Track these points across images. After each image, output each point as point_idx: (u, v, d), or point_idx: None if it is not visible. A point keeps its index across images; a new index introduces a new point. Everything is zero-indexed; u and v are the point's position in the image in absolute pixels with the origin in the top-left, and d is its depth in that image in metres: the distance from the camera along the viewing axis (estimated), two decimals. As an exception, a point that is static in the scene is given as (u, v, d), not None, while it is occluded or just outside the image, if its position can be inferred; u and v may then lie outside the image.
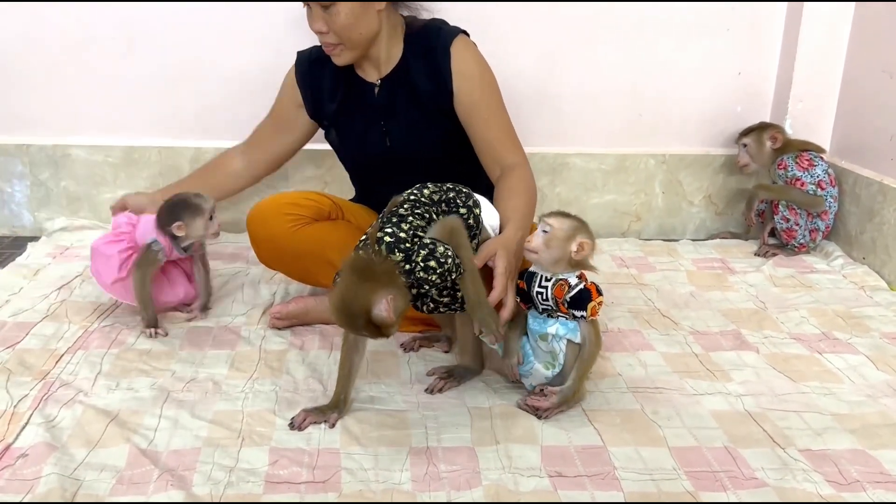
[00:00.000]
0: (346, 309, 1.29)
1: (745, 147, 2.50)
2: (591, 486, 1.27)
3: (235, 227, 2.61)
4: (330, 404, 1.47)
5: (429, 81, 1.79)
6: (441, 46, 1.77)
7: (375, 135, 1.86)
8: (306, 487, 1.26)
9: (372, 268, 1.32)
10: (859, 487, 1.29)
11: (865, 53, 2.43)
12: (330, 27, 1.72)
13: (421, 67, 1.80)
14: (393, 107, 1.84)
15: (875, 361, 1.74)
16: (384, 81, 1.84)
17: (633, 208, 2.69)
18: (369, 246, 1.36)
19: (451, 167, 1.75)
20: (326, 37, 1.74)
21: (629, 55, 2.58)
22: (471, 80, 1.77)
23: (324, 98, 1.91)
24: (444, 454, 1.35)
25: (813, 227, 2.44)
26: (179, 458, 1.32)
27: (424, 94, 1.80)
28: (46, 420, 1.41)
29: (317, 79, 1.91)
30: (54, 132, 2.55)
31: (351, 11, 1.70)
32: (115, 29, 2.46)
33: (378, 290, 1.28)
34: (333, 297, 1.31)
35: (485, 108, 1.78)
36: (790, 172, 2.40)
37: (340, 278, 1.33)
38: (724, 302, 2.09)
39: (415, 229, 1.38)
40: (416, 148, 1.85)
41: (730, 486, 1.28)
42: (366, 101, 1.86)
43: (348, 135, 1.91)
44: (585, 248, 1.44)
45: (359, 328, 1.30)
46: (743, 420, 1.49)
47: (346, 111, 1.89)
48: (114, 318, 1.88)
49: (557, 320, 1.46)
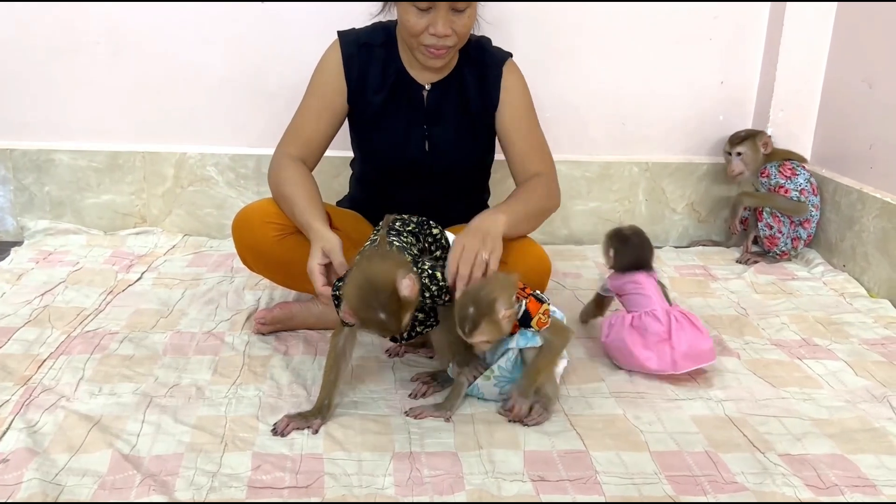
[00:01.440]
0: (371, 285, 1.31)
1: (740, 156, 2.51)
2: (573, 491, 1.28)
3: (220, 233, 2.61)
4: (313, 410, 1.47)
5: (479, 94, 1.83)
6: (495, 64, 1.83)
7: (417, 138, 1.84)
8: (289, 493, 1.26)
9: (390, 254, 1.38)
10: (838, 492, 1.30)
11: (845, 63, 2.46)
12: (455, 30, 1.67)
13: (474, 80, 1.83)
14: (440, 112, 1.84)
15: (854, 367, 1.76)
16: (435, 86, 1.83)
17: (617, 215, 2.71)
18: (378, 245, 1.42)
19: (474, 180, 1.85)
20: (447, 40, 1.68)
21: (613, 64, 2.60)
22: (515, 95, 1.84)
23: (367, 87, 1.82)
24: (427, 459, 1.36)
25: (795, 234, 2.47)
26: (162, 464, 1.32)
27: (474, 105, 1.83)
28: (28, 425, 1.41)
29: (364, 65, 1.81)
30: (38, 136, 2.54)
31: (475, 13, 1.71)
32: (100, 34, 2.46)
33: (401, 266, 1.34)
34: (353, 286, 1.34)
35: (525, 125, 1.84)
36: (773, 180, 2.43)
37: (353, 274, 1.37)
38: (706, 308, 2.11)
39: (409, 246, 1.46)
40: (455, 156, 1.86)
41: (710, 491, 1.29)
42: (412, 102, 1.84)
43: (388, 132, 1.85)
44: (510, 315, 1.43)
45: (380, 306, 1.30)
46: (723, 425, 1.50)
47: (390, 108, 1.84)
48: (97, 323, 1.87)
49: (516, 335, 1.48)
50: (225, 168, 2.58)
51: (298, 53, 2.44)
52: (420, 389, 1.59)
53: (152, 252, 2.43)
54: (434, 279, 1.42)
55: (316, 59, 1.83)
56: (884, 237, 2.20)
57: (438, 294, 1.43)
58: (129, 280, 2.17)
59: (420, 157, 1.85)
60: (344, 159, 2.06)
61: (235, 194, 2.60)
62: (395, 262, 1.36)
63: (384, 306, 1.31)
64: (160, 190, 2.59)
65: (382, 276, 1.31)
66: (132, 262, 2.33)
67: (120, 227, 2.59)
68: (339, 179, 2.34)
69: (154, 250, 2.44)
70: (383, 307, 1.31)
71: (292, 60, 2.46)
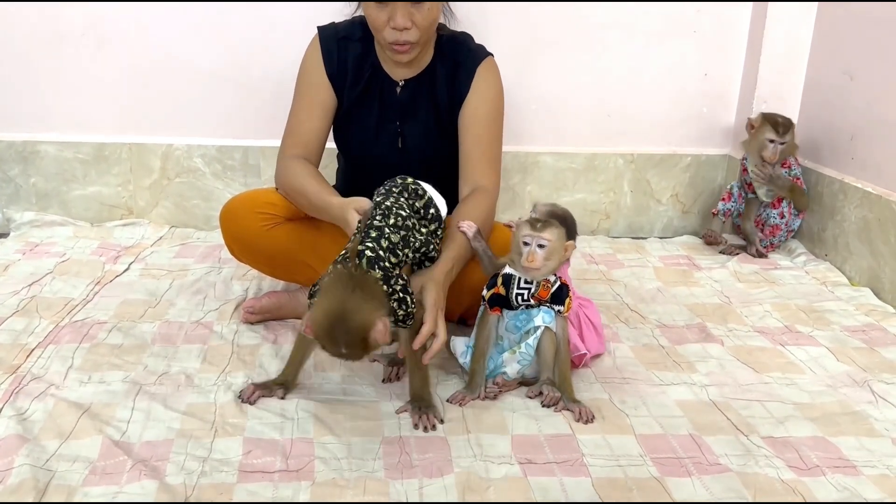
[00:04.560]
0: (343, 325, 1.28)
1: (784, 145, 2.41)
2: (560, 473, 1.30)
3: (207, 224, 2.61)
4: (278, 379, 1.53)
5: (447, 90, 1.80)
6: (468, 65, 1.80)
7: (389, 134, 1.84)
8: (280, 476, 1.27)
9: (361, 285, 1.32)
10: (819, 472, 1.33)
11: (827, 56, 2.49)
12: (416, 24, 1.67)
13: (445, 78, 1.81)
14: (413, 109, 1.83)
15: (835, 353, 1.79)
16: (408, 83, 1.82)
17: (603, 207, 2.73)
18: (349, 260, 1.36)
19: (447, 177, 1.79)
20: (408, 34, 1.67)
21: (598, 57, 2.62)
22: (482, 96, 1.79)
23: (347, 79, 1.82)
24: (416, 443, 1.37)
25: (790, 228, 2.49)
26: (152, 449, 1.33)
27: (443, 104, 1.81)
28: (18, 413, 1.41)
29: (343, 57, 1.81)
30: (24, 128, 2.53)
31: (437, 8, 1.69)
32: (85, 25, 2.45)
33: (377, 309, 1.30)
34: (323, 311, 1.30)
35: (483, 125, 1.79)
36: (794, 171, 2.45)
37: (326, 294, 1.33)
38: (690, 297, 2.13)
39: (392, 247, 1.40)
40: (428, 153, 1.84)
41: (694, 472, 1.32)
42: (385, 97, 1.83)
43: (360, 127, 1.86)
44: (571, 248, 1.53)
45: (345, 344, 1.29)
46: (707, 409, 1.53)
47: (364, 103, 1.84)
48: (85, 313, 1.88)
49: (540, 309, 1.51)
50: (212, 159, 2.58)
51: (283, 45, 2.45)
52: (391, 372, 1.62)
53: (139, 243, 2.42)
54: (403, 304, 1.37)
55: (300, 51, 1.83)
56: (865, 227, 2.24)
57: (404, 319, 1.39)
58: (117, 271, 2.17)
59: (391, 154, 1.84)
60: (329, 151, 2.06)
61: (222, 186, 2.60)
62: (372, 301, 1.31)
63: (349, 344, 1.30)
64: (147, 182, 2.58)
65: (358, 317, 1.28)
66: (119, 253, 2.32)
67: (106, 218, 2.59)
68: (325, 171, 2.34)
69: (141, 242, 2.44)
70: (348, 345, 1.30)
71: (277, 52, 2.47)
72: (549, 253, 1.48)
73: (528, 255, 1.47)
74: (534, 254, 1.47)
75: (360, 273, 1.34)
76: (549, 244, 1.48)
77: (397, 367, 1.63)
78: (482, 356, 1.55)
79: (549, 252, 1.48)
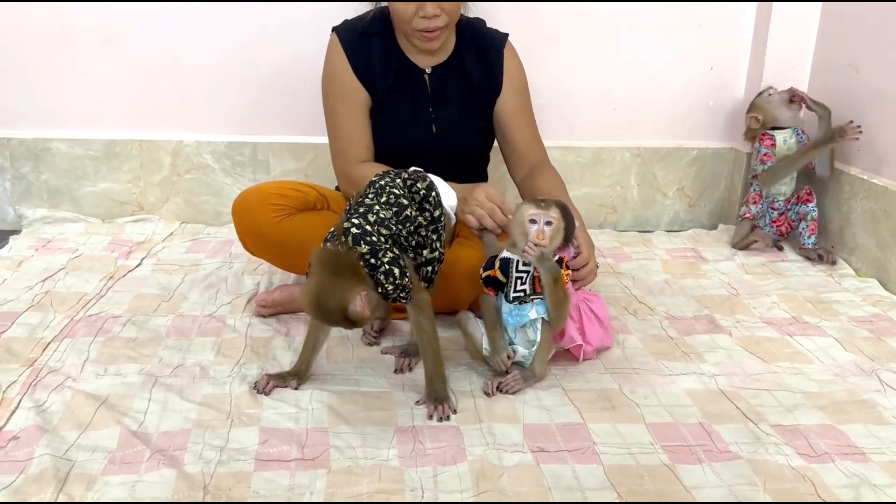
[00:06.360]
0: (322, 306, 1.35)
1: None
2: (572, 461, 1.32)
3: (217, 220, 2.63)
4: (292, 371, 1.55)
5: (482, 76, 1.89)
6: (495, 47, 1.91)
7: (423, 120, 1.89)
8: (296, 464, 1.29)
9: (342, 262, 1.36)
10: (828, 459, 1.34)
11: (832, 48, 2.50)
12: (444, 9, 1.73)
13: (474, 61, 1.88)
14: (445, 94, 1.89)
15: (843, 343, 1.80)
16: (436, 69, 1.88)
17: (610, 200, 2.75)
18: (336, 238, 1.41)
19: (475, 164, 1.90)
20: (437, 20, 1.73)
21: (604, 50, 2.63)
22: (516, 84, 1.93)
23: (375, 71, 1.85)
24: (429, 432, 1.39)
25: None
26: (170, 439, 1.35)
27: (478, 85, 1.88)
28: (36, 404, 1.43)
29: (366, 51, 1.85)
30: (35, 126, 2.55)
31: None
32: (95, 22, 2.47)
33: (353, 286, 1.34)
34: (307, 294, 1.37)
35: (525, 110, 1.95)
36: (801, 138, 2.45)
37: (311, 274, 1.38)
38: (698, 289, 2.15)
39: (381, 221, 1.42)
40: (462, 137, 1.91)
41: (704, 459, 1.33)
42: (416, 86, 1.88)
43: (393, 117, 1.88)
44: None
45: (334, 323, 1.38)
46: (716, 398, 1.54)
47: (396, 92, 1.87)
48: (99, 307, 1.90)
49: (533, 304, 1.53)
50: (221, 156, 2.60)
51: (292, 42, 2.47)
52: (402, 363, 1.63)
53: (150, 239, 2.44)
54: (390, 276, 1.38)
55: (309, 47, 1.85)
56: (871, 218, 2.25)
57: (394, 291, 1.40)
58: (129, 266, 2.19)
59: (426, 139, 1.88)
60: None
61: (232, 182, 2.62)
62: (345, 279, 1.34)
63: (334, 322, 1.38)
64: (157, 178, 2.60)
65: (334, 296, 1.33)
66: (131, 248, 2.34)
67: (118, 214, 2.61)
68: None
69: (152, 237, 2.46)
70: (333, 322, 1.38)
71: (286, 49, 2.48)
72: (554, 231, 1.50)
73: (537, 233, 1.49)
74: (542, 231, 1.49)
75: (346, 249, 1.38)
76: (556, 222, 1.50)
77: (409, 359, 1.64)
78: (493, 326, 1.57)
79: (554, 230, 1.50)
